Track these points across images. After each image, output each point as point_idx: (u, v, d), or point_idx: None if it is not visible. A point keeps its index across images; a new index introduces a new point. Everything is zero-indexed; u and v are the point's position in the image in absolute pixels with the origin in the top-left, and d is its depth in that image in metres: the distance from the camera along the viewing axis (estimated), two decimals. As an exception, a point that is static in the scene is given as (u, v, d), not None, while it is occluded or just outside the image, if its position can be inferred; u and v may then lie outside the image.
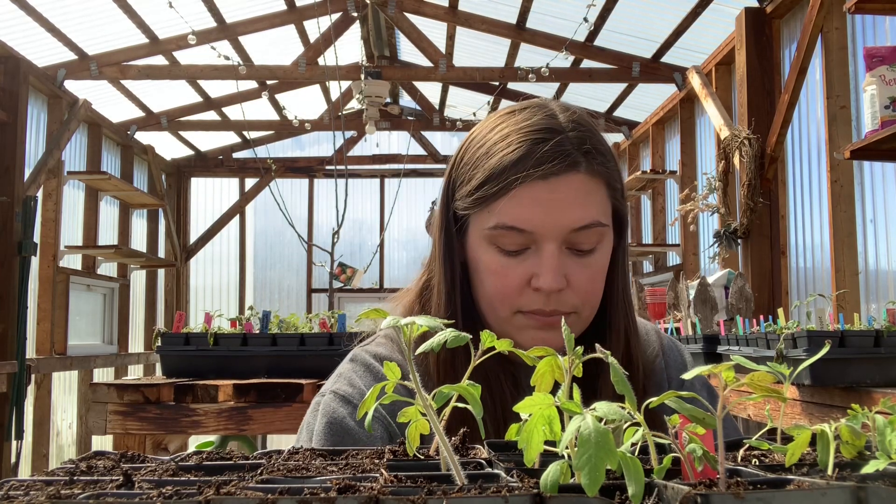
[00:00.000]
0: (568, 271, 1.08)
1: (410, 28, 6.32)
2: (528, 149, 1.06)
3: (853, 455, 0.58)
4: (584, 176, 1.08)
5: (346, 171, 6.36)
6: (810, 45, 4.03)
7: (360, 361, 1.18)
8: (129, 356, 7.15)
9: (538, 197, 1.05)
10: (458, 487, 0.50)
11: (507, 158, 1.07)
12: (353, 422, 1.09)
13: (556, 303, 1.08)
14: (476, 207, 1.10)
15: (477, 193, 1.09)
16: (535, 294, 1.08)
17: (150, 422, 2.73)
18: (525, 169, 1.05)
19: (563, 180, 1.06)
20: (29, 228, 5.18)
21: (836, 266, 3.82)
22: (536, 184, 1.05)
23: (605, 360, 0.59)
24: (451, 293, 1.15)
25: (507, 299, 1.10)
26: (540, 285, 1.06)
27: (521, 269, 1.08)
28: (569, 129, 1.09)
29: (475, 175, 1.10)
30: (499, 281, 1.09)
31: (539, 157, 1.06)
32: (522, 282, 1.08)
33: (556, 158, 1.06)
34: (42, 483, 0.54)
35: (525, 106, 1.15)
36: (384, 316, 0.60)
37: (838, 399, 2.42)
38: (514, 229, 1.06)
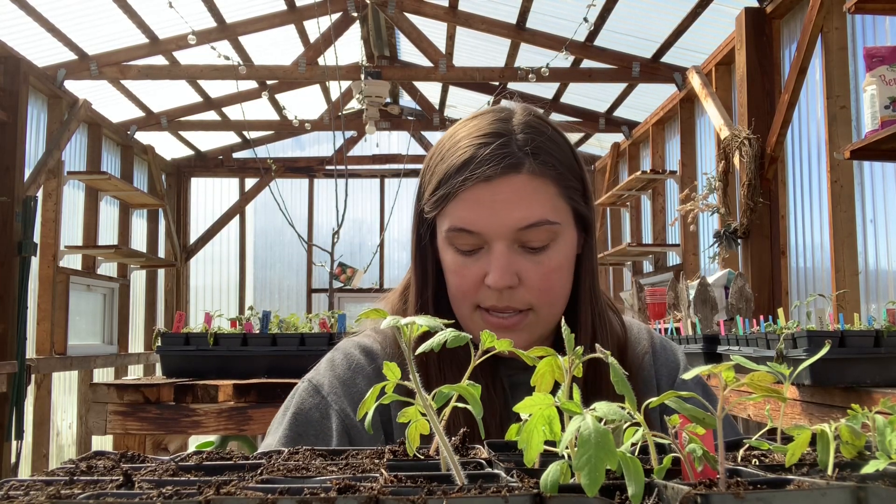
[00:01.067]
0: (520, 269, 1.11)
1: (410, 28, 6.32)
2: (472, 153, 1.10)
3: (853, 455, 0.58)
4: (527, 176, 1.10)
5: (346, 171, 6.36)
6: (810, 45, 4.03)
7: (341, 350, 1.24)
8: (129, 356, 7.15)
9: (480, 199, 1.10)
10: (458, 487, 0.50)
11: (454, 163, 1.11)
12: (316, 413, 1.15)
13: (510, 299, 1.12)
14: (435, 211, 1.15)
15: (433, 198, 1.14)
16: (489, 291, 1.12)
17: (150, 422, 2.73)
18: (467, 172, 1.10)
19: (504, 181, 1.09)
20: (29, 228, 5.18)
21: (836, 266, 3.82)
22: (478, 186, 1.09)
23: (604, 361, 0.59)
24: (422, 290, 1.21)
25: (466, 297, 1.15)
26: (489, 282, 1.10)
27: (476, 268, 1.12)
28: (517, 131, 1.13)
29: (432, 180, 1.15)
30: (458, 279, 1.14)
31: (480, 160, 1.09)
32: (478, 280, 1.12)
33: (497, 161, 1.09)
34: (42, 483, 0.54)
35: (486, 111, 1.19)
36: (384, 316, 0.60)
37: (838, 399, 2.42)
38: (463, 231, 1.11)
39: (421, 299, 1.21)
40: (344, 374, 1.19)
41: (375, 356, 1.21)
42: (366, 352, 1.22)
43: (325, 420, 1.14)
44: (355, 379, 1.18)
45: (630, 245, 6.60)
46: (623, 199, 7.08)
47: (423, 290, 1.21)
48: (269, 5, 6.22)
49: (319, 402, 1.16)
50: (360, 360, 1.21)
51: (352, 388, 1.17)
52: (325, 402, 1.16)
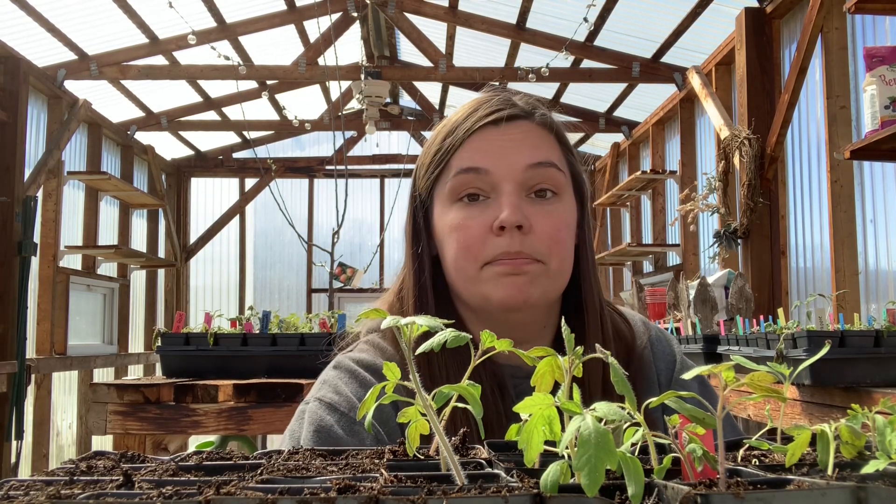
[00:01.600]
0: (529, 214, 1.10)
1: (410, 28, 6.32)
2: (477, 105, 1.16)
3: (853, 455, 0.58)
4: (532, 124, 1.15)
5: (346, 171, 6.36)
6: (810, 45, 4.03)
7: (344, 368, 1.17)
8: (129, 356, 7.15)
9: (490, 138, 1.12)
10: (458, 487, 0.50)
11: (460, 116, 1.16)
12: (340, 430, 1.07)
13: (520, 244, 1.08)
14: (437, 170, 1.15)
15: (437, 156, 1.15)
16: (498, 239, 1.09)
17: (150, 422, 2.73)
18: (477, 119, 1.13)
19: (513, 125, 1.13)
20: (29, 228, 5.18)
21: (836, 266, 3.82)
22: (487, 129, 1.12)
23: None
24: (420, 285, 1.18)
25: (472, 252, 1.10)
26: (501, 220, 1.08)
27: (483, 217, 1.10)
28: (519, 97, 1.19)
29: (433, 146, 1.17)
30: (463, 234, 1.11)
31: (487, 106, 1.14)
32: (485, 229, 1.10)
33: (504, 107, 1.14)
34: (42, 483, 0.54)
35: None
36: (384, 316, 0.60)
37: (838, 399, 2.42)
38: (470, 170, 1.11)
39: (418, 285, 1.18)
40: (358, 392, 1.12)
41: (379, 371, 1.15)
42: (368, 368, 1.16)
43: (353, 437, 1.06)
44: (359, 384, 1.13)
45: (630, 245, 6.60)
46: (623, 199, 7.08)
47: (420, 276, 1.18)
48: (269, 5, 6.22)
49: (340, 418, 1.08)
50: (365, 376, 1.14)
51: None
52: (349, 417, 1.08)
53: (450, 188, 1.13)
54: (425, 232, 1.19)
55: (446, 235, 1.14)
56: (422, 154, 1.21)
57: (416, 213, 1.20)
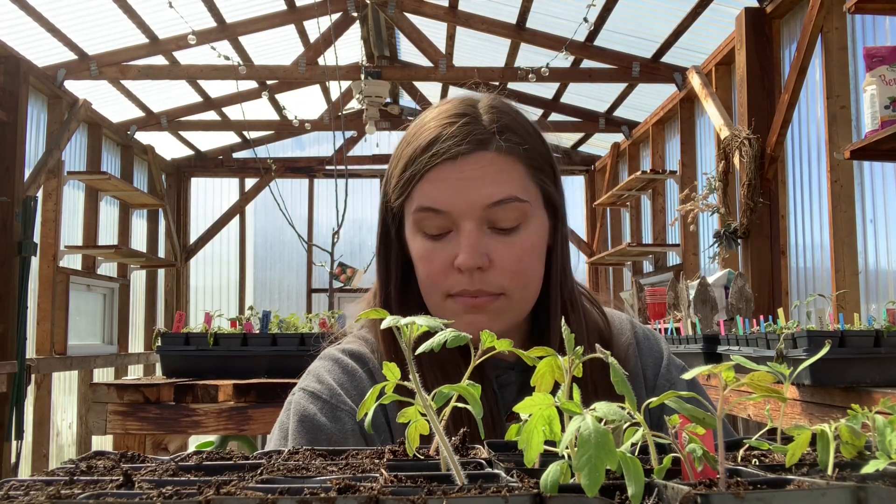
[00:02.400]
0: (490, 250, 1.08)
1: (410, 28, 6.32)
2: (437, 132, 1.10)
3: (853, 455, 0.58)
4: (495, 154, 1.09)
5: (346, 171, 6.36)
6: (810, 45, 4.02)
7: (328, 357, 1.19)
8: (129, 356, 7.15)
9: (447, 177, 1.08)
10: (458, 487, 0.50)
11: (421, 143, 1.10)
12: (323, 418, 1.09)
13: (481, 282, 1.08)
14: (401, 196, 1.13)
15: (401, 182, 1.12)
16: (459, 276, 1.08)
17: (150, 422, 2.73)
18: (435, 153, 1.08)
19: (471, 159, 1.08)
20: (29, 228, 5.18)
21: (836, 266, 3.82)
22: (445, 165, 1.08)
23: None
24: (385, 286, 1.18)
25: (436, 284, 1.11)
26: (459, 263, 1.07)
27: (445, 252, 1.09)
28: (482, 112, 1.12)
29: (398, 165, 1.14)
30: (427, 266, 1.11)
31: (446, 138, 1.08)
32: (447, 264, 1.09)
33: (462, 137, 1.08)
34: (42, 483, 0.54)
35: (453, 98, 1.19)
36: (384, 316, 0.60)
37: (838, 399, 2.42)
38: (430, 210, 1.09)
39: (384, 293, 1.18)
40: (340, 378, 1.14)
41: (366, 360, 1.17)
42: (355, 356, 1.18)
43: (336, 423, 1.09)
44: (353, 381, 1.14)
45: (630, 245, 6.60)
46: (623, 199, 7.08)
47: (385, 284, 1.18)
48: (269, 5, 6.22)
49: (323, 406, 1.11)
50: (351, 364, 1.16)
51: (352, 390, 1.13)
52: (331, 404, 1.11)
53: (413, 220, 1.12)
54: (397, 240, 1.18)
55: (415, 259, 1.14)
56: (390, 163, 1.18)
57: (388, 222, 1.18)
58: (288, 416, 1.13)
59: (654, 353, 1.27)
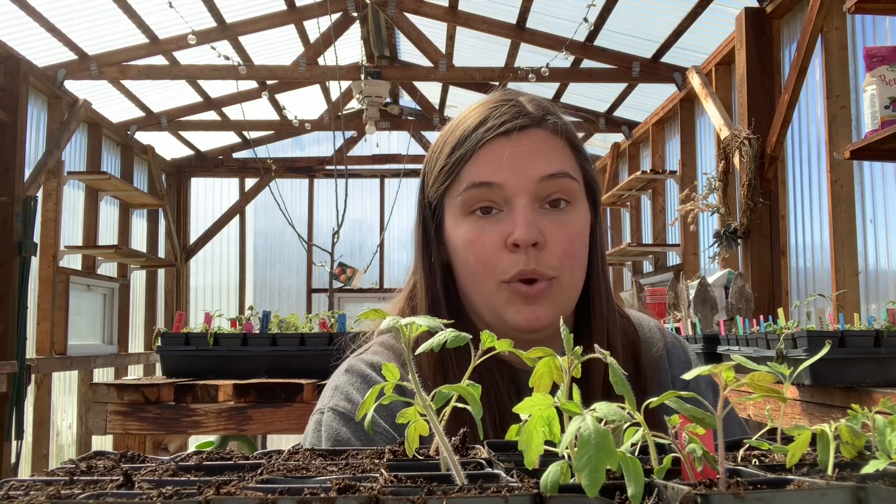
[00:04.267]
0: (543, 227, 1.07)
1: (410, 28, 6.32)
2: (488, 113, 1.11)
3: (853, 455, 0.58)
4: (546, 133, 1.11)
5: (346, 171, 6.36)
6: (810, 45, 4.02)
7: (356, 373, 1.15)
8: (129, 356, 7.15)
9: (502, 150, 1.09)
10: (458, 487, 0.50)
11: (470, 125, 1.12)
12: (358, 442, 1.06)
13: (536, 262, 1.06)
14: (447, 181, 1.12)
15: (446, 167, 1.12)
16: (513, 256, 1.07)
17: (150, 422, 2.73)
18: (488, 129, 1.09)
19: (524, 135, 1.10)
20: (29, 228, 5.18)
21: (836, 266, 3.82)
22: (499, 140, 1.09)
23: (599, 357, 0.59)
24: (430, 284, 1.15)
25: (489, 266, 1.09)
26: (515, 238, 1.06)
27: (497, 231, 1.08)
28: (527, 100, 1.15)
29: (442, 154, 1.14)
30: (477, 248, 1.09)
31: (498, 115, 1.10)
32: (499, 243, 1.08)
33: (517, 117, 1.10)
34: (42, 483, 0.54)
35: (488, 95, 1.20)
36: (384, 316, 0.60)
37: (838, 399, 2.42)
38: (483, 185, 1.08)
39: (430, 294, 1.15)
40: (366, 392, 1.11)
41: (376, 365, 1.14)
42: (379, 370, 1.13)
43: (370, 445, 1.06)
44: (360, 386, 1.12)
45: (630, 245, 6.60)
46: (623, 199, 7.08)
47: (431, 285, 1.15)
48: (269, 5, 6.22)
49: (356, 429, 1.07)
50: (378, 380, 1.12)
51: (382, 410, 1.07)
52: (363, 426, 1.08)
53: (461, 201, 1.10)
54: (436, 238, 1.16)
55: (460, 248, 1.12)
56: (429, 159, 1.18)
57: (427, 220, 1.17)
58: (319, 438, 1.09)
59: (682, 364, 1.25)
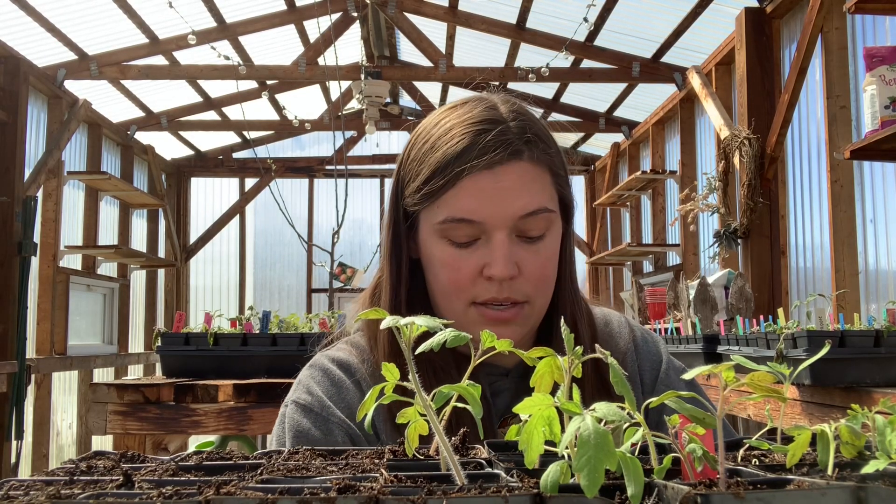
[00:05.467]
0: (519, 259, 1.08)
1: (410, 28, 6.32)
2: (471, 140, 1.08)
3: (853, 455, 0.58)
4: (528, 164, 1.09)
5: (346, 171, 6.36)
6: (810, 45, 4.02)
7: (318, 367, 1.18)
8: (129, 356, 7.15)
9: (484, 186, 1.07)
10: (458, 487, 0.50)
11: (451, 151, 1.08)
12: (318, 432, 1.10)
13: (510, 290, 1.08)
14: (425, 203, 1.10)
15: (425, 189, 1.10)
16: (488, 283, 1.08)
17: (150, 422, 2.73)
18: (469, 160, 1.06)
19: (506, 168, 1.07)
20: (29, 228, 5.18)
21: (836, 266, 3.82)
22: (481, 174, 1.06)
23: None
24: (396, 288, 1.16)
25: (462, 291, 1.10)
26: (492, 273, 1.07)
27: (473, 260, 1.08)
28: (510, 118, 1.11)
29: (421, 170, 1.11)
30: (452, 273, 1.10)
31: (482, 147, 1.07)
32: (475, 272, 1.09)
33: (499, 147, 1.07)
34: (42, 483, 0.54)
35: (467, 100, 1.17)
36: (383, 316, 0.60)
37: (838, 399, 2.42)
38: (462, 221, 1.07)
39: (395, 298, 1.16)
40: (329, 390, 1.14)
41: (353, 370, 1.17)
42: (342, 366, 1.17)
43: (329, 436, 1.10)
44: (340, 393, 1.14)
45: (630, 245, 6.60)
46: (623, 199, 7.08)
47: (397, 289, 1.16)
48: (269, 5, 6.22)
49: (315, 419, 1.11)
50: (338, 374, 1.16)
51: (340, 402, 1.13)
52: (322, 417, 1.11)
53: (439, 228, 1.09)
54: (407, 237, 1.17)
55: (434, 264, 1.13)
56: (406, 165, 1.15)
57: (399, 223, 1.16)
58: (283, 430, 1.13)
59: (652, 357, 1.26)
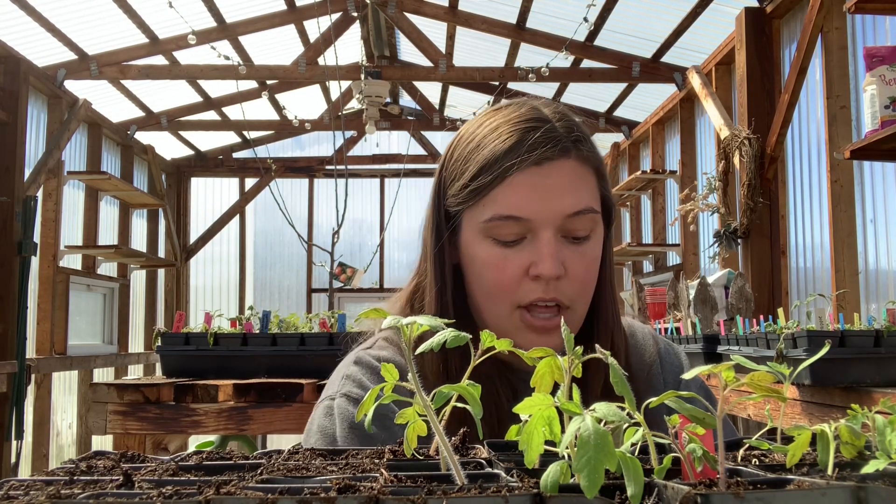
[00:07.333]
0: (565, 258, 1.07)
1: (410, 28, 6.32)
2: (519, 136, 1.07)
3: (853, 455, 0.58)
4: (576, 162, 1.09)
5: (346, 171, 6.36)
6: (810, 45, 4.02)
7: (365, 364, 1.16)
8: (129, 356, 7.15)
9: (533, 183, 1.06)
10: (458, 487, 0.50)
11: (500, 147, 1.07)
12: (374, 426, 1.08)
13: (555, 291, 1.07)
14: (470, 201, 1.09)
15: (471, 185, 1.09)
16: (533, 283, 1.07)
17: (150, 422, 2.73)
18: (518, 155, 1.06)
19: (556, 165, 1.07)
20: (29, 228, 5.18)
21: (836, 266, 3.82)
22: (530, 170, 1.06)
23: (603, 360, 0.59)
24: (441, 292, 1.14)
25: (506, 292, 1.09)
26: (539, 272, 1.05)
27: (519, 260, 1.07)
28: (556, 118, 1.11)
29: (467, 168, 1.10)
30: (497, 273, 1.09)
31: (531, 143, 1.06)
32: (521, 272, 1.07)
33: (549, 144, 1.07)
34: (42, 483, 0.54)
35: (510, 102, 1.17)
36: (384, 316, 0.60)
37: (838, 399, 2.42)
38: (510, 218, 1.06)
39: (440, 302, 1.13)
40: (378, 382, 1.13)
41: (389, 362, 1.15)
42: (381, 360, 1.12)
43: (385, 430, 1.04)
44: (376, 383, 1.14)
45: (630, 245, 6.60)
46: (623, 199, 7.08)
47: (442, 293, 1.14)
48: (269, 5, 6.22)
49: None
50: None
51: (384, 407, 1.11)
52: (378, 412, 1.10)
53: (484, 227, 1.08)
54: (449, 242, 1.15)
55: (477, 266, 1.11)
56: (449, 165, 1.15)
57: (441, 226, 1.14)
58: (332, 423, 1.09)
59: (674, 370, 1.26)
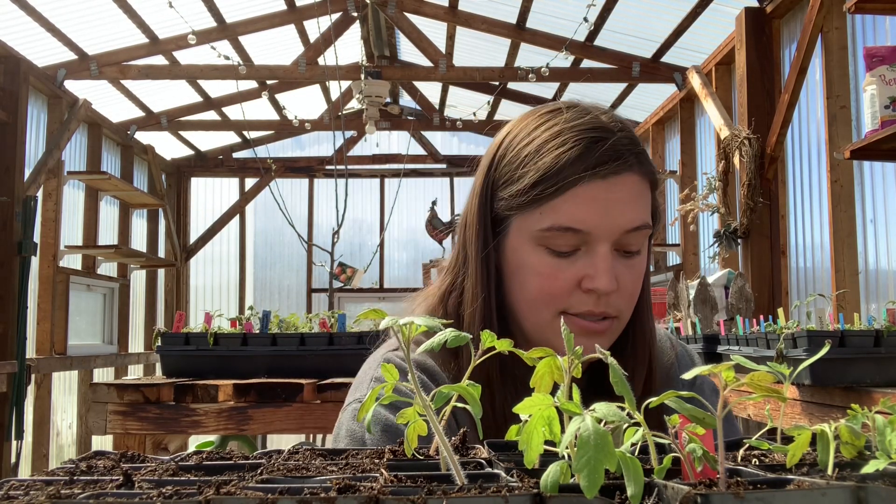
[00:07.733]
0: (617, 273, 1.07)
1: (410, 28, 6.32)
2: (585, 147, 1.05)
3: (853, 455, 0.58)
4: (637, 177, 1.09)
5: (346, 171, 6.36)
6: (810, 45, 4.03)
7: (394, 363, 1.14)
8: (129, 356, 7.15)
9: (596, 196, 1.04)
10: (458, 487, 0.50)
11: (565, 157, 1.05)
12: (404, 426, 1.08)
13: (606, 305, 1.07)
14: (526, 208, 1.07)
15: (531, 193, 1.06)
16: (585, 296, 1.07)
17: (150, 422, 2.73)
18: (586, 168, 1.04)
19: (620, 180, 1.06)
20: (29, 228, 5.18)
21: (836, 266, 3.82)
22: (596, 183, 1.04)
23: (607, 360, 0.59)
24: (487, 299, 1.12)
25: (554, 301, 1.08)
26: (595, 286, 1.05)
27: (573, 271, 1.06)
28: (618, 129, 1.09)
29: (525, 174, 1.07)
30: (547, 283, 1.07)
31: (599, 155, 1.04)
32: (573, 284, 1.07)
33: (615, 158, 1.05)
34: (42, 483, 0.54)
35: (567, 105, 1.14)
36: (383, 316, 0.60)
37: (838, 399, 2.42)
38: (569, 230, 1.05)
39: (486, 307, 1.11)
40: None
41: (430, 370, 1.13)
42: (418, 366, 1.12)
43: None
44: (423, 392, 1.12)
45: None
46: (623, 199, 7.08)
47: (488, 298, 1.12)
48: (269, 5, 6.22)
49: None
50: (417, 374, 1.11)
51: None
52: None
53: (539, 235, 1.07)
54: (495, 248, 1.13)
55: (525, 272, 1.10)
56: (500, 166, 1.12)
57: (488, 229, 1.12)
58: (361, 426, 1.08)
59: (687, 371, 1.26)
